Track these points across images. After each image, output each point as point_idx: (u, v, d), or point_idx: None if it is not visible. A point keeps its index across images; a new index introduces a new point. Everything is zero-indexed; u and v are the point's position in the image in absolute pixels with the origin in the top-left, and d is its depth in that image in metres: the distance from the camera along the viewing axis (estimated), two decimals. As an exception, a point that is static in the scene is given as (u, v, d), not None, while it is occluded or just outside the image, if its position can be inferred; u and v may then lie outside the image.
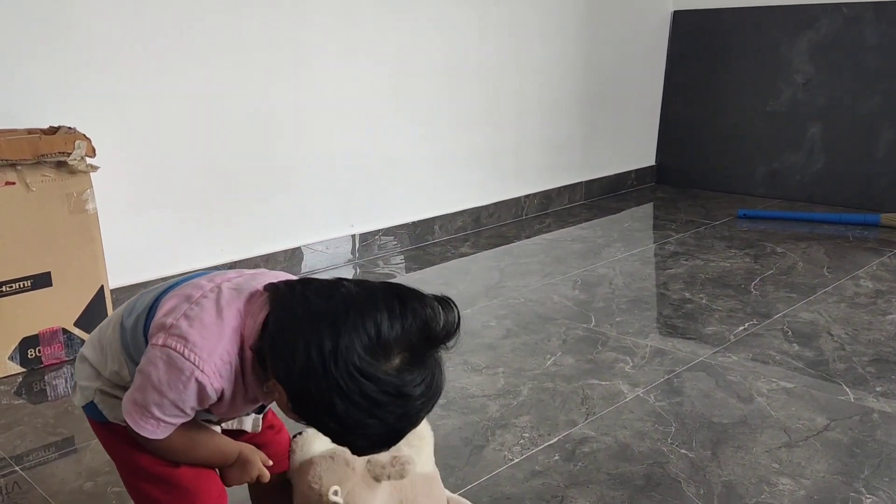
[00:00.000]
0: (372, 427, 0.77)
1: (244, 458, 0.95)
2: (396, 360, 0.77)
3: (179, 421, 0.84)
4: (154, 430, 0.83)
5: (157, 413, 0.82)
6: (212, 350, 0.80)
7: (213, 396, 0.81)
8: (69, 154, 1.78)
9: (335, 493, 0.96)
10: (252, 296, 0.83)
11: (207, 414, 0.89)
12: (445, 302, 0.82)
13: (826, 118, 3.46)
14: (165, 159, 2.20)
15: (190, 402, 0.81)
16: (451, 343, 0.81)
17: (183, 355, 0.79)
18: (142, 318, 0.87)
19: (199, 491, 0.92)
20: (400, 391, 0.77)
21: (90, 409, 0.93)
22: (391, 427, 0.79)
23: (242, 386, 0.83)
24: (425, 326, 0.79)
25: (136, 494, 0.95)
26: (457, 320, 0.81)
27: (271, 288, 0.83)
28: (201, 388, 0.80)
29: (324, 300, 0.79)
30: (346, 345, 0.75)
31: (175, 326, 0.81)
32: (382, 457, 0.99)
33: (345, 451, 0.99)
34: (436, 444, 1.50)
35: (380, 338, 0.76)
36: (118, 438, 0.92)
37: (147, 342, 0.84)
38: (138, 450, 0.90)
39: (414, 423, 0.81)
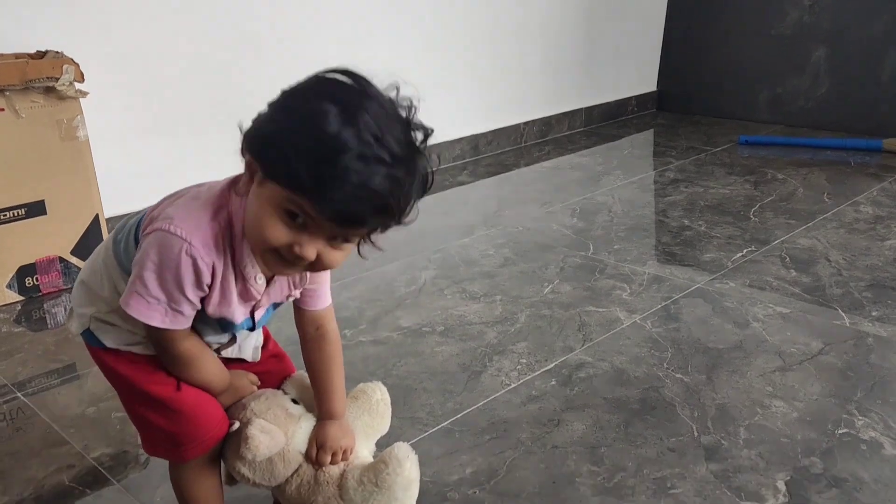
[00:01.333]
0: (342, 179, 0.71)
1: (236, 383, 0.97)
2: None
3: (185, 308, 0.83)
4: (163, 318, 0.83)
5: (161, 296, 0.81)
6: (198, 223, 0.80)
7: (206, 272, 0.81)
8: (57, 79, 1.74)
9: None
10: (235, 179, 0.83)
11: (203, 324, 0.89)
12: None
13: (832, 42, 3.38)
14: (157, 84, 2.16)
15: (188, 280, 0.80)
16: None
17: (171, 232, 0.79)
18: (132, 229, 0.87)
19: (199, 416, 0.92)
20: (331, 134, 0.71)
21: (88, 336, 0.93)
22: (358, 183, 0.72)
23: (233, 266, 0.83)
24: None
25: (137, 420, 0.95)
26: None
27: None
28: (194, 263, 0.80)
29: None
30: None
31: (161, 214, 0.82)
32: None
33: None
34: (434, 370, 1.52)
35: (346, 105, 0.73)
36: (118, 363, 0.92)
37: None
38: (139, 374, 0.91)
39: (372, 180, 0.72)
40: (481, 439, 1.31)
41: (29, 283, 1.86)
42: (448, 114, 3.01)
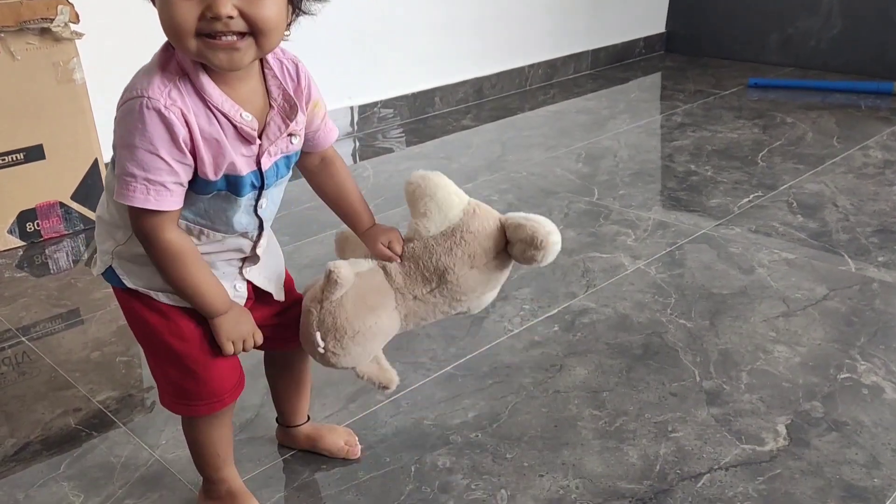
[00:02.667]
0: None
1: (238, 311, 0.90)
2: None
3: (166, 179, 0.77)
4: (145, 196, 0.77)
5: (137, 170, 0.76)
6: (149, 79, 0.77)
7: (178, 122, 0.76)
8: (52, 20, 1.71)
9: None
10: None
11: (214, 208, 0.84)
12: None
13: (846, -20, 3.29)
14: (154, 24, 2.10)
15: (162, 141, 0.76)
16: None
17: (127, 97, 0.77)
18: None
19: (214, 377, 0.91)
20: None
21: (110, 276, 0.90)
22: None
23: (208, 110, 0.79)
24: None
25: (153, 369, 0.94)
26: None
27: None
28: (161, 117, 0.75)
29: None
30: None
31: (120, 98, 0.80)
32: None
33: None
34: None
35: None
36: (141, 308, 0.89)
37: None
38: (160, 323, 0.89)
39: None
40: (484, 384, 1.31)
41: (30, 229, 1.85)
42: (451, 57, 2.96)
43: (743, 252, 1.76)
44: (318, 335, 0.93)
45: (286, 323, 0.99)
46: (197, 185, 0.81)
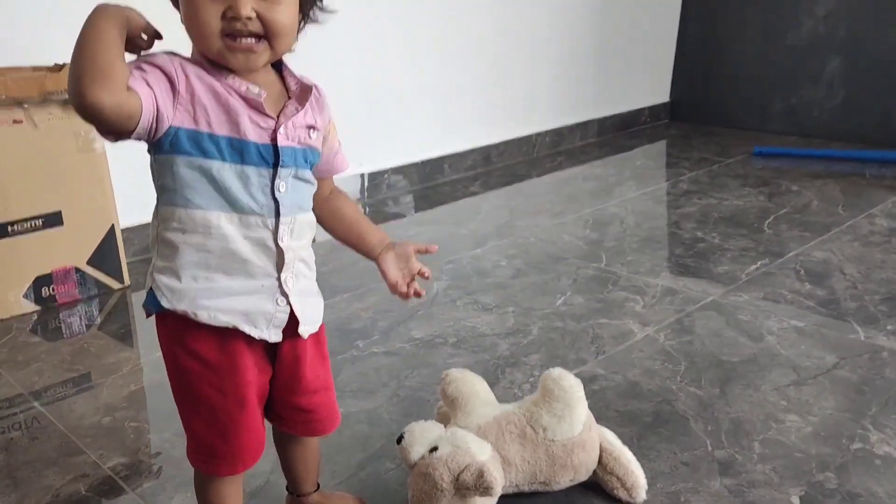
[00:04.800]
0: None
1: (126, 11, 0.80)
2: None
3: (151, 77, 0.78)
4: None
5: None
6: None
7: (178, 69, 0.80)
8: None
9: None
10: None
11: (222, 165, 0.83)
12: None
13: (847, 52, 3.37)
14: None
15: (159, 61, 0.79)
16: None
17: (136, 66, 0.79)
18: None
19: (242, 436, 0.90)
20: None
21: (150, 301, 0.87)
22: None
23: (212, 76, 0.82)
24: None
25: (183, 418, 0.92)
26: None
27: None
28: (162, 58, 0.80)
29: None
30: None
31: None
32: (468, 476, 1.05)
33: (435, 469, 1.07)
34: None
35: None
36: (180, 354, 0.87)
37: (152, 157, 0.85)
38: (200, 372, 0.87)
39: None
40: (494, 452, 1.31)
41: (45, 294, 1.88)
42: (460, 125, 3.03)
43: (752, 319, 1.77)
44: None
45: (312, 408, 0.98)
46: (201, 141, 0.81)
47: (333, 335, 1.70)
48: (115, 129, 0.76)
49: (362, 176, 2.73)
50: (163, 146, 0.81)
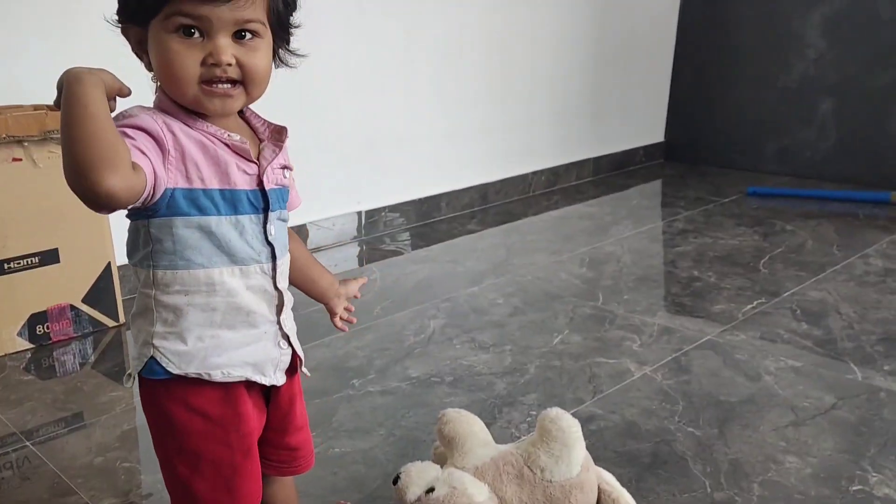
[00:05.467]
0: None
1: (101, 74, 0.77)
2: None
3: (143, 141, 0.76)
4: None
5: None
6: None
7: (163, 128, 0.78)
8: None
9: None
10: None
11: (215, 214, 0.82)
12: None
13: (838, 94, 3.42)
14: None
15: (145, 124, 0.77)
16: None
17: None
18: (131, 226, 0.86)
19: (245, 488, 0.88)
20: None
21: (149, 371, 0.84)
22: None
23: (193, 129, 0.81)
24: None
25: (177, 482, 0.88)
26: None
27: None
28: (146, 118, 0.78)
29: None
30: None
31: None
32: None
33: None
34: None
35: None
36: (181, 412, 0.85)
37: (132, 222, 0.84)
38: (203, 428, 0.85)
39: None
40: (491, 493, 1.29)
41: (39, 331, 1.87)
42: (457, 163, 3.05)
43: (749, 359, 1.77)
44: None
45: (298, 445, 0.98)
46: (197, 198, 0.80)
47: (329, 374, 1.69)
48: (124, 207, 0.75)
49: (359, 213, 2.74)
50: (159, 209, 0.79)
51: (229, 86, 0.80)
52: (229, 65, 0.79)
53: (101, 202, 0.70)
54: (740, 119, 3.73)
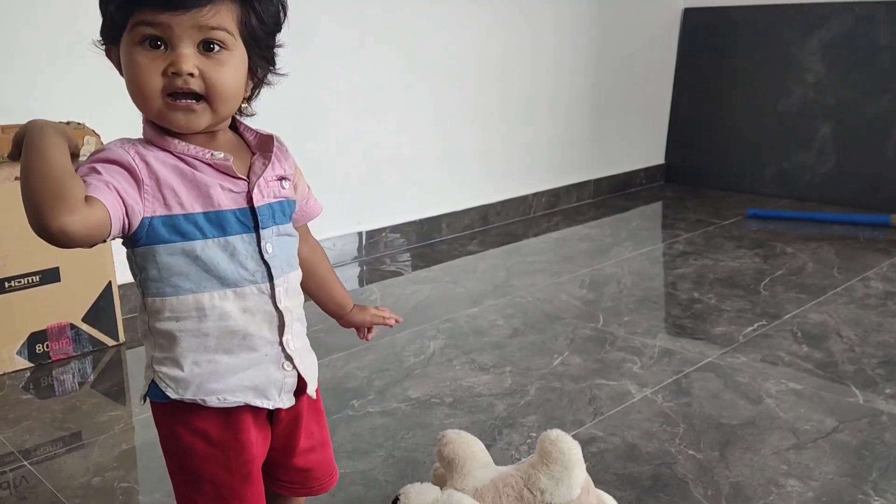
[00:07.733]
0: None
1: (61, 126, 0.81)
2: None
3: (112, 178, 0.75)
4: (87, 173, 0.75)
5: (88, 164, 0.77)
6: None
7: (136, 158, 0.77)
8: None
9: None
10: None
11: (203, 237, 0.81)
12: None
13: (837, 118, 3.44)
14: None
15: (117, 158, 0.77)
16: None
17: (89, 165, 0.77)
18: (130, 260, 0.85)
19: None
20: None
21: (153, 393, 0.85)
22: None
23: (171, 154, 0.80)
24: None
25: (180, 486, 0.89)
26: None
27: None
28: (118, 151, 0.77)
29: None
30: None
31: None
32: None
33: None
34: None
35: None
36: (184, 434, 0.85)
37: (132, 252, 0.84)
38: (205, 451, 0.85)
39: None
40: (490, 516, 1.28)
41: (39, 350, 1.86)
42: (458, 185, 3.06)
43: (750, 381, 1.76)
44: None
45: (309, 467, 0.96)
46: (178, 224, 0.79)
47: (328, 394, 1.69)
48: (90, 243, 0.74)
49: (360, 234, 2.75)
50: (139, 239, 0.80)
51: (193, 101, 0.78)
52: (190, 75, 0.76)
53: (56, 239, 0.71)
54: (740, 142, 3.74)
